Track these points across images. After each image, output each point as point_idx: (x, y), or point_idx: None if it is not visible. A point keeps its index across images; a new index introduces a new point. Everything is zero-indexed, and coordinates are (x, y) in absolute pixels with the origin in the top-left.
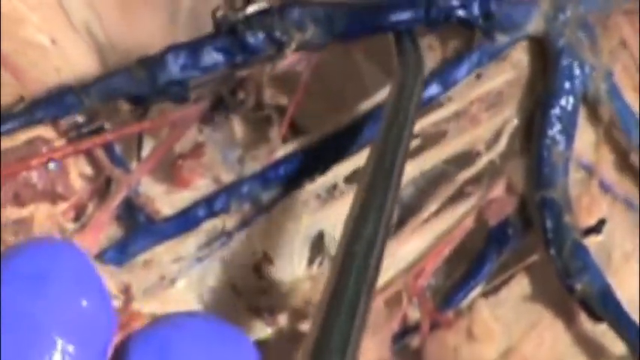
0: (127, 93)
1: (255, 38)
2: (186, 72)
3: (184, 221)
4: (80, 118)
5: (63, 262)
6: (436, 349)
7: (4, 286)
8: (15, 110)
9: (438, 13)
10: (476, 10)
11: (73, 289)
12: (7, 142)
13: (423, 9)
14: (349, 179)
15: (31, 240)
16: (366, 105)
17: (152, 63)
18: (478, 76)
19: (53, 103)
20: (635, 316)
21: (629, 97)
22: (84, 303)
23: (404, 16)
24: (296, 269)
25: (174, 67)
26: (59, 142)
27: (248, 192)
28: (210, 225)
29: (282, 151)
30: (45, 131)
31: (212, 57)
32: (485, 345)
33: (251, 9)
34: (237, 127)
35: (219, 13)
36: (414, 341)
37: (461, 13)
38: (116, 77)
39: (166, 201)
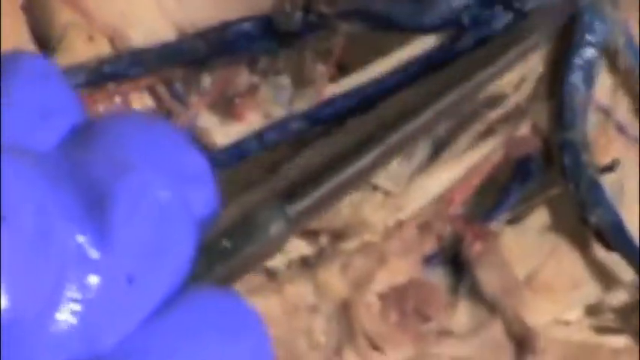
0: (186, 60)
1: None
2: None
3: (237, 152)
4: None
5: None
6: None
7: None
8: (84, 67)
9: None
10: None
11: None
12: None
13: None
14: None
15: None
16: (410, 49)
17: (211, 34)
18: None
19: (116, 65)
20: None
21: None
22: None
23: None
24: None
25: (235, 40)
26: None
27: (297, 128)
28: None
29: (329, 91)
30: None
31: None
32: None
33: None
34: (287, 70)
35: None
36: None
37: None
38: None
39: (221, 133)
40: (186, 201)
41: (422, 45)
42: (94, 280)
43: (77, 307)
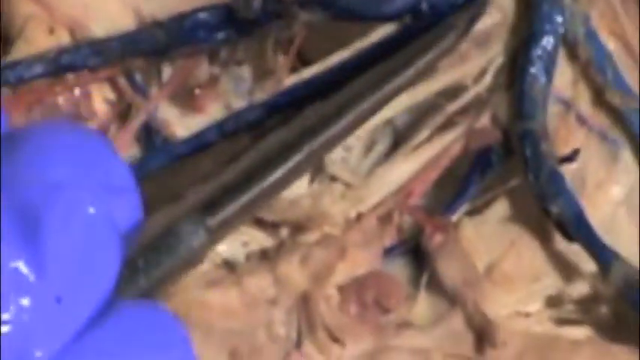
0: (145, 50)
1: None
2: (201, 35)
3: (197, 143)
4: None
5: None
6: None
7: None
8: (43, 57)
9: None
10: None
11: None
12: None
13: None
14: None
15: None
16: (371, 38)
17: (170, 24)
18: None
19: (75, 56)
20: (604, 238)
21: (604, 39)
22: None
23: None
24: (298, 186)
25: (194, 29)
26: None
27: (256, 117)
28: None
29: (289, 82)
30: None
31: (226, 31)
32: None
33: None
34: (247, 60)
35: None
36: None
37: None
38: (134, 36)
39: (181, 124)
40: (111, 215)
41: (382, 35)
42: (26, 301)
43: (10, 327)
